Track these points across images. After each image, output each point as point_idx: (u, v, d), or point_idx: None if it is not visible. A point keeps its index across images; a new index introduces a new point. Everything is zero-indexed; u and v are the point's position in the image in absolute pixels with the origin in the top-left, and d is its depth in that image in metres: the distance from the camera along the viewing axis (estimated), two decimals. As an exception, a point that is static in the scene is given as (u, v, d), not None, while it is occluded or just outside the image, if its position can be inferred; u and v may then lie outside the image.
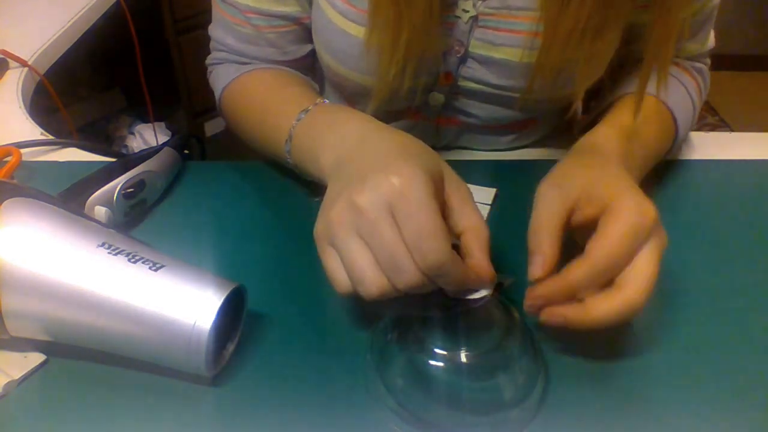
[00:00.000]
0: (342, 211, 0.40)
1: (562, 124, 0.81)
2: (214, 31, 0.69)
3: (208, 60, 0.72)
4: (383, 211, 0.38)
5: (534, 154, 0.74)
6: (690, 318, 0.51)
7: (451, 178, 0.43)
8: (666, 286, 0.54)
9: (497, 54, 0.61)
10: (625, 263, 0.42)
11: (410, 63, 0.59)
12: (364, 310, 0.49)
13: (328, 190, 0.44)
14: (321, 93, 0.77)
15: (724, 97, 2.51)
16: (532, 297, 0.43)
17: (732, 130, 2.45)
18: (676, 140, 0.63)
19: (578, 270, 0.41)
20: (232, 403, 0.44)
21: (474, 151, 0.74)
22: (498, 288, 0.43)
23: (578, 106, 0.82)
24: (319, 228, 0.42)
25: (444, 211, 0.42)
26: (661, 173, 0.67)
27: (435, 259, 0.38)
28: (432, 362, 0.42)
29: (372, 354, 0.45)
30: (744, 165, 0.69)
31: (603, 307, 0.41)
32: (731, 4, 2.61)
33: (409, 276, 0.38)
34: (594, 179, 0.45)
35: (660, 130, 0.61)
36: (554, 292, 0.42)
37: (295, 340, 0.48)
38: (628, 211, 0.42)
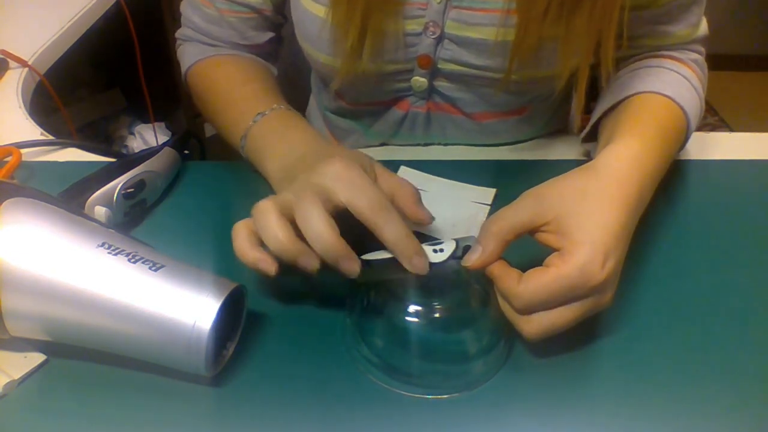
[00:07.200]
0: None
1: (560, 122, 0.80)
2: (184, 8, 0.73)
3: (177, 34, 0.76)
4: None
5: (533, 155, 0.74)
6: (690, 317, 0.51)
7: (382, 170, 0.50)
8: (666, 286, 0.54)
9: (473, 34, 0.61)
10: (548, 308, 0.43)
11: (369, 41, 0.60)
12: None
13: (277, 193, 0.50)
14: (305, 78, 0.82)
15: (724, 97, 2.51)
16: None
17: (732, 130, 2.45)
18: (687, 139, 0.61)
19: (504, 290, 0.44)
20: (232, 403, 0.44)
21: (472, 148, 0.74)
22: (466, 251, 0.46)
23: (574, 106, 0.81)
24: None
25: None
26: (661, 173, 0.67)
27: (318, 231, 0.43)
28: (404, 316, 0.47)
29: (351, 317, 0.49)
30: (744, 165, 0.69)
31: (503, 306, 0.45)
32: (731, 4, 2.61)
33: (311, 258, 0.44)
34: (573, 213, 0.44)
35: (676, 133, 0.59)
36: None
37: (295, 340, 0.48)
38: (572, 268, 0.42)
